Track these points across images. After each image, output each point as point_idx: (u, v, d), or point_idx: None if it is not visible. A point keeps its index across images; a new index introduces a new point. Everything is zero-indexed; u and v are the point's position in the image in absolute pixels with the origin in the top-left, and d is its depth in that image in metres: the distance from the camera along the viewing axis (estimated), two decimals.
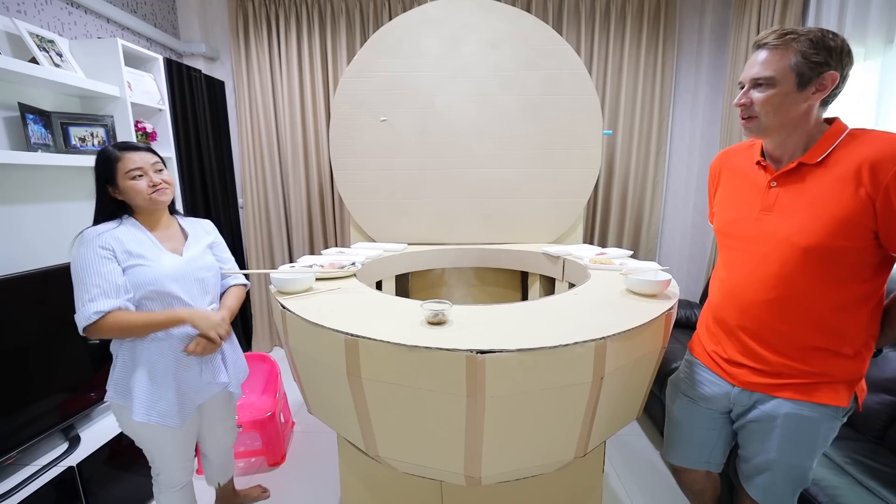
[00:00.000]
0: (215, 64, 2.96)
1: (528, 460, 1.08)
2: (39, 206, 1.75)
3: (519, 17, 2.06)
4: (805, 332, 0.96)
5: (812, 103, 0.90)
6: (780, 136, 0.95)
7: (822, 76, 0.87)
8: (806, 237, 0.90)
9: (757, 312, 1.00)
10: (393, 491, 1.40)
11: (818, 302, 0.93)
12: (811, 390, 0.97)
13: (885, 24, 1.70)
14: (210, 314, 1.22)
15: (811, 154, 0.92)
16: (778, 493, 1.07)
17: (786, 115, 0.91)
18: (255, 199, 3.02)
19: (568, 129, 2.11)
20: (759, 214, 0.99)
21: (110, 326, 1.09)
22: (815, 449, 1.02)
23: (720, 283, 1.10)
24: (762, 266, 0.98)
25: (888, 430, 1.48)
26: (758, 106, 0.92)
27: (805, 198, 0.92)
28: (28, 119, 1.65)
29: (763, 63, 0.90)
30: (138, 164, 1.16)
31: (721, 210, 1.12)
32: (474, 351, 0.91)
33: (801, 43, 0.87)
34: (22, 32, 1.61)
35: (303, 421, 2.34)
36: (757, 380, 1.02)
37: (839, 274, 0.91)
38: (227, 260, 1.41)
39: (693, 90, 2.87)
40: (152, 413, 1.17)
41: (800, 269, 0.92)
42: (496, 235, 2.22)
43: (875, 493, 1.22)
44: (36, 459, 1.46)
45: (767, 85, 0.90)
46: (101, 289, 1.08)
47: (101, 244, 1.11)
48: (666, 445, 1.30)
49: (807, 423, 0.99)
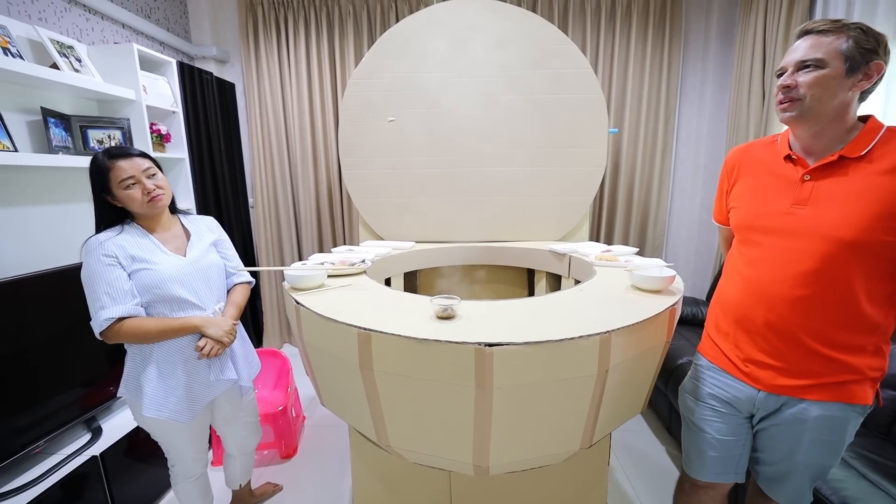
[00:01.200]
0: (226, 66, 3.02)
1: (535, 451, 1.11)
2: (60, 207, 1.81)
3: (524, 16, 2.09)
4: (837, 329, 0.94)
5: (856, 92, 0.89)
6: (817, 125, 0.93)
7: (869, 64, 0.87)
8: (850, 231, 0.88)
9: (786, 310, 0.97)
10: (403, 481, 1.44)
11: (853, 297, 0.91)
12: (841, 390, 0.96)
13: (893, 21, 1.70)
14: (220, 321, 1.25)
15: (852, 147, 0.91)
16: (800, 491, 1.07)
17: (831, 101, 0.90)
18: (265, 198, 3.07)
19: (574, 127, 2.14)
20: (792, 208, 0.96)
21: (126, 332, 1.13)
22: (842, 447, 1.01)
23: (742, 281, 1.05)
24: (798, 262, 0.94)
25: (893, 426, 1.49)
26: (804, 88, 0.90)
27: (846, 191, 0.90)
28: (50, 122, 1.71)
29: (812, 46, 0.89)
30: (129, 172, 1.15)
31: (743, 205, 1.08)
32: (483, 344, 0.94)
33: (854, 30, 0.87)
34: (44, 39, 1.66)
35: (313, 415, 2.39)
36: (784, 382, 0.99)
37: (876, 269, 0.90)
38: (231, 257, 1.43)
39: (699, 88, 2.87)
40: (163, 409, 1.21)
41: (839, 263, 0.90)
42: (502, 233, 2.25)
43: (879, 486, 1.24)
44: (61, 449, 1.52)
45: (816, 66, 0.89)
46: (111, 296, 1.12)
47: (104, 252, 1.14)
48: (688, 461, 1.21)
49: (837, 423, 0.97)
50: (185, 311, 1.23)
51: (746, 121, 2.41)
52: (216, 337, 1.22)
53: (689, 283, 3.02)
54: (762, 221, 1.02)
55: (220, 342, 1.22)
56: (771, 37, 2.25)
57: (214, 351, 1.21)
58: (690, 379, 1.21)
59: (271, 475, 1.92)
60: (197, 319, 1.22)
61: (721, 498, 1.20)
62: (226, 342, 1.24)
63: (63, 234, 1.82)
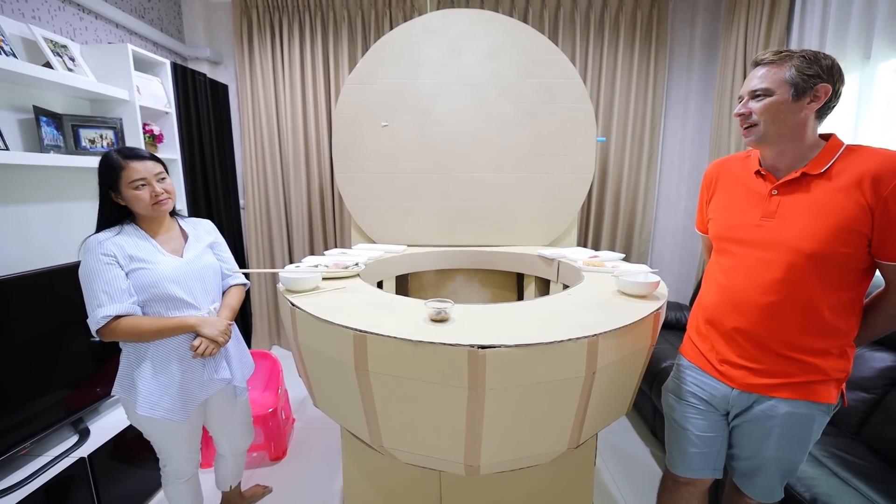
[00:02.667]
0: (219, 68, 3.02)
1: (525, 450, 1.15)
2: (50, 206, 1.80)
3: (516, 27, 2.14)
4: (802, 334, 1.00)
5: (808, 114, 0.96)
6: (778, 146, 1.01)
7: (815, 88, 0.94)
8: (810, 243, 0.95)
9: (756, 315, 1.03)
10: (394, 482, 1.47)
11: (815, 304, 0.98)
12: (806, 389, 1.02)
13: (863, 41, 1.79)
14: (215, 321, 1.27)
15: (814, 165, 0.98)
16: (772, 487, 1.13)
17: (783, 124, 0.98)
18: (256, 200, 3.07)
19: (563, 135, 2.19)
20: (761, 221, 1.03)
21: (122, 330, 1.15)
22: (808, 444, 1.07)
23: (717, 287, 1.13)
24: (766, 271, 1.01)
25: (863, 426, 1.56)
26: (756, 114, 0.99)
27: (808, 206, 0.97)
28: (42, 121, 1.70)
29: (761, 77, 0.99)
30: (142, 174, 1.18)
31: (719, 216, 1.15)
32: (475, 346, 0.97)
33: (796, 59, 0.95)
34: (37, 38, 1.66)
35: (303, 417, 2.40)
36: (755, 381, 1.06)
37: (835, 278, 0.97)
38: (227, 259, 1.45)
39: (684, 99, 2.96)
40: (157, 408, 1.21)
41: (802, 273, 0.97)
42: (493, 238, 2.29)
43: (849, 484, 1.30)
44: (48, 451, 1.50)
45: (765, 95, 0.98)
46: (108, 294, 1.13)
47: (102, 251, 1.15)
48: (670, 457, 1.27)
49: (803, 420, 1.04)
50: (180, 310, 1.24)
51: (728, 131, 2.50)
52: (211, 336, 1.23)
53: (673, 288, 3.09)
54: (735, 233, 1.09)
55: (215, 342, 1.24)
56: (752, 49, 2.34)
57: (209, 350, 1.23)
58: (672, 378, 1.27)
59: (261, 477, 1.93)
60: (193, 319, 1.23)
61: (701, 494, 1.25)
62: (220, 342, 1.25)
63: (53, 234, 1.81)
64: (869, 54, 1.77)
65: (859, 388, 1.59)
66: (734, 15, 2.47)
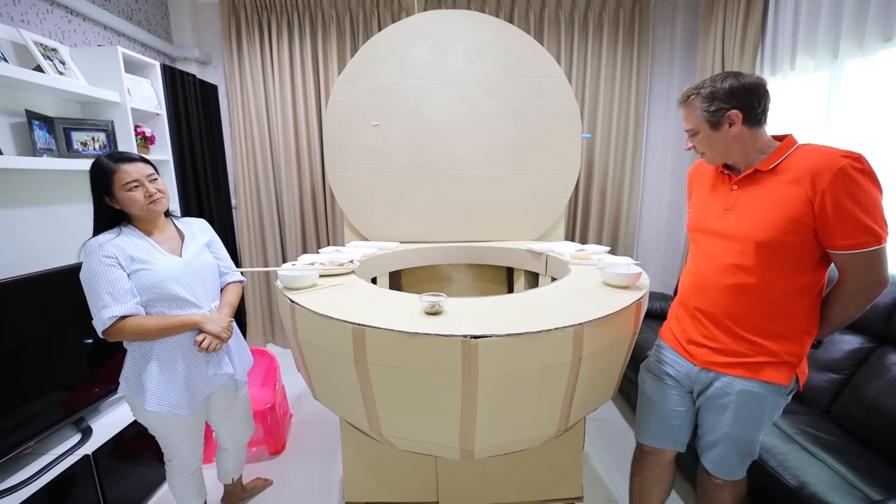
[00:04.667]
0: (207, 68, 3.02)
1: (516, 434, 1.22)
2: (43, 209, 1.81)
3: (503, 27, 2.19)
4: (756, 315, 1.10)
5: (735, 133, 1.08)
6: (726, 160, 1.15)
7: (726, 116, 1.07)
8: (759, 233, 1.05)
9: (717, 297, 1.14)
10: (392, 469, 1.53)
11: (768, 289, 1.07)
12: (759, 369, 1.11)
13: (832, 41, 1.88)
14: (218, 318, 1.31)
15: (764, 163, 1.08)
16: (729, 463, 1.21)
17: (720, 148, 1.12)
18: (248, 199, 3.09)
19: (549, 132, 2.26)
20: (723, 213, 1.15)
21: (128, 330, 1.18)
22: (761, 422, 1.15)
23: (688, 274, 1.26)
24: (723, 256, 1.13)
25: (832, 405, 1.66)
26: (699, 147, 1.16)
27: (760, 199, 1.07)
28: (34, 125, 1.71)
29: (685, 118, 1.15)
30: (134, 176, 1.21)
31: (693, 211, 1.28)
32: (468, 336, 1.03)
33: (698, 100, 1.09)
34: (27, 42, 1.67)
35: (299, 412, 2.44)
36: (714, 358, 1.16)
37: (786, 265, 1.05)
38: (223, 257, 1.48)
39: (666, 94, 3.04)
40: (164, 403, 1.26)
41: (755, 260, 1.06)
42: (483, 233, 2.35)
43: (817, 457, 1.40)
44: (51, 450, 1.53)
45: (693, 133, 1.14)
46: (112, 295, 1.17)
47: (104, 254, 1.18)
48: (637, 427, 1.41)
49: (756, 398, 1.12)
50: (182, 308, 1.28)
51: None
52: (215, 332, 1.27)
53: (658, 279, 3.19)
54: (704, 224, 1.21)
55: (219, 337, 1.28)
56: (729, 45, 2.42)
57: (213, 346, 1.26)
58: (650, 356, 1.40)
59: (261, 471, 1.97)
60: (196, 316, 1.27)
61: (664, 464, 1.37)
62: (224, 337, 1.29)
63: (48, 237, 1.82)
64: (837, 53, 1.86)
65: (829, 369, 1.69)
66: (712, 13, 2.55)
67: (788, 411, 1.65)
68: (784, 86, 2.19)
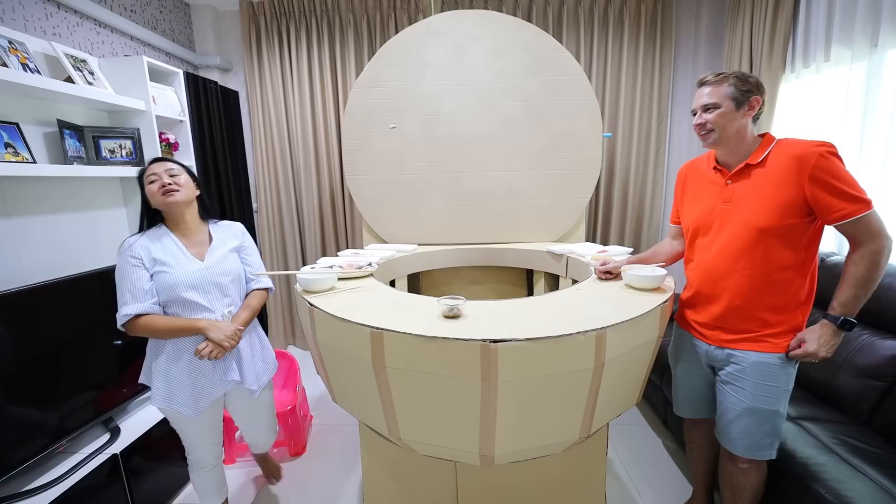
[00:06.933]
0: (229, 75, 3.08)
1: (537, 440, 1.19)
2: (74, 215, 1.88)
3: (520, 26, 2.16)
4: (761, 294, 1.23)
5: (746, 120, 1.23)
6: (728, 145, 1.26)
7: (749, 100, 1.21)
8: (760, 219, 1.19)
9: (725, 282, 1.27)
10: (411, 474, 1.51)
11: (771, 269, 1.21)
12: (767, 341, 1.24)
13: (870, 29, 1.78)
14: (224, 325, 1.31)
15: (753, 157, 1.23)
16: (755, 439, 1.28)
17: (731, 127, 1.23)
18: (268, 203, 3.14)
19: (569, 132, 2.21)
20: (722, 206, 1.28)
21: (140, 327, 1.26)
22: (778, 392, 1.25)
23: (696, 265, 1.37)
24: (729, 245, 1.25)
25: (874, 414, 1.57)
26: (710, 123, 1.24)
27: (753, 190, 1.21)
28: (65, 134, 1.77)
29: (710, 93, 1.24)
30: (156, 171, 1.32)
31: (691, 207, 1.40)
32: (488, 340, 1.01)
33: (732, 79, 1.22)
34: (59, 54, 1.73)
35: (320, 415, 2.46)
36: (726, 337, 1.30)
37: (784, 245, 1.19)
38: (252, 263, 1.50)
39: (690, 91, 2.95)
40: (171, 401, 1.32)
41: (756, 243, 1.20)
42: (502, 235, 2.32)
43: (858, 469, 1.31)
44: (81, 449, 1.58)
45: (714, 107, 1.23)
46: (132, 294, 1.25)
47: (131, 254, 1.27)
48: (673, 402, 1.59)
49: (769, 368, 1.24)
50: (195, 312, 1.32)
51: None
52: (217, 340, 1.28)
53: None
54: (705, 218, 1.33)
55: (221, 346, 1.29)
56: (757, 41, 2.33)
57: (213, 354, 1.27)
58: (671, 342, 1.57)
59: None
60: (202, 322, 1.29)
61: (705, 432, 1.54)
62: (226, 346, 1.29)
63: (79, 241, 1.89)
64: (877, 41, 1.76)
65: (870, 375, 1.60)
66: (739, 5, 2.46)
67: (825, 419, 1.58)
68: (818, 79, 2.09)
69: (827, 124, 2.06)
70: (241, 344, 1.38)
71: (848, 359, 1.66)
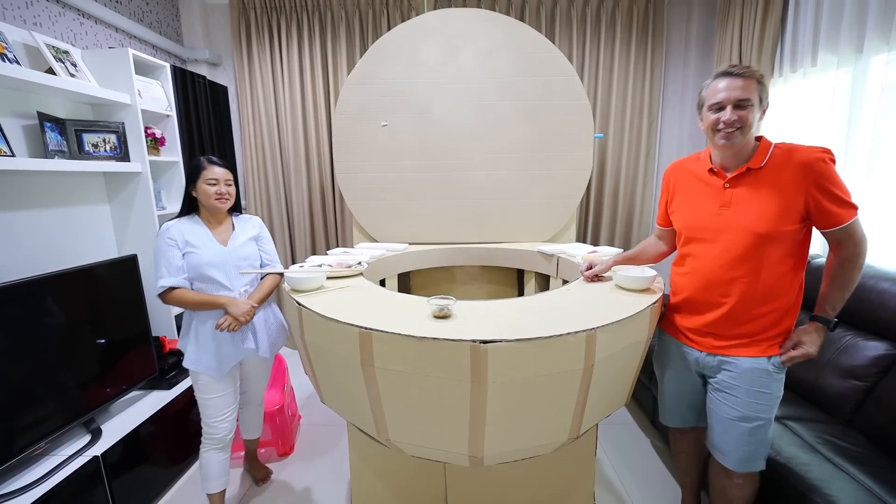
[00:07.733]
0: (217, 70, 3.03)
1: (527, 441, 1.18)
2: (56, 210, 1.83)
3: (514, 26, 2.16)
4: (757, 300, 1.20)
5: (760, 120, 1.19)
6: (741, 146, 1.18)
7: (766, 101, 1.17)
8: (760, 224, 1.15)
9: (721, 290, 1.23)
10: (400, 475, 1.50)
11: (767, 273, 1.18)
12: (758, 346, 1.22)
13: (856, 36, 1.81)
14: (241, 303, 1.50)
15: (755, 161, 1.18)
16: (747, 452, 1.25)
17: (753, 127, 1.17)
18: (257, 200, 3.10)
19: (561, 132, 2.22)
20: (720, 210, 1.22)
21: (173, 297, 1.46)
22: (769, 399, 1.22)
23: (690, 270, 1.30)
24: (728, 251, 1.20)
25: (857, 413, 1.60)
26: (744, 120, 1.14)
27: (755, 195, 1.17)
28: (46, 127, 1.72)
29: (744, 88, 1.13)
30: (217, 175, 1.49)
31: (683, 210, 1.34)
32: (478, 341, 1.01)
33: (758, 75, 1.15)
34: (40, 45, 1.68)
35: (308, 414, 2.43)
36: (718, 343, 1.26)
37: (780, 250, 1.16)
38: (268, 251, 1.68)
39: (681, 93, 2.98)
40: (199, 364, 1.50)
41: (755, 249, 1.17)
42: (493, 235, 2.32)
43: (840, 468, 1.33)
44: (61, 451, 1.54)
45: (748, 104, 1.13)
46: (167, 269, 1.44)
47: (168, 235, 1.46)
48: (659, 411, 1.53)
49: (762, 374, 1.21)
50: (217, 289, 1.50)
51: None
52: (235, 315, 1.46)
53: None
54: (700, 222, 1.27)
55: (238, 320, 1.46)
56: (746, 45, 2.36)
57: (232, 327, 1.46)
58: (656, 348, 1.51)
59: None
60: (224, 299, 1.48)
61: (693, 441, 1.51)
62: (242, 321, 1.48)
63: (60, 237, 1.84)
64: (862, 48, 1.79)
65: (852, 375, 1.63)
66: (729, 8, 2.49)
67: (808, 419, 1.60)
68: (805, 84, 2.12)
69: (814, 128, 2.10)
70: (255, 318, 1.55)
71: (832, 359, 1.68)
